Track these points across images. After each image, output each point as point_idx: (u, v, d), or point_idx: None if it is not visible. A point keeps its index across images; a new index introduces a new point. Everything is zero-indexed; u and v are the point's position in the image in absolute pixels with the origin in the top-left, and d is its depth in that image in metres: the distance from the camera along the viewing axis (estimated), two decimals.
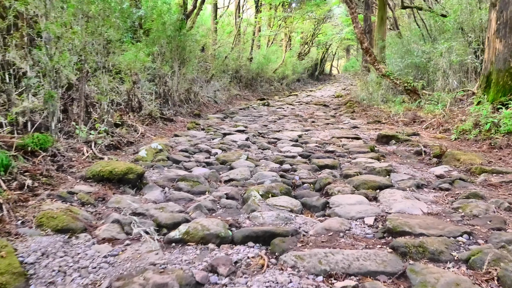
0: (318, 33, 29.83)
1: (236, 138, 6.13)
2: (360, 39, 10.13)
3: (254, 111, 10.91)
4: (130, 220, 2.81)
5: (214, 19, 17.44)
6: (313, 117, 9.52)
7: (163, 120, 7.43)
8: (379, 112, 10.13)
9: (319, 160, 4.67)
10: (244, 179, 4.04)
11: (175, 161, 4.63)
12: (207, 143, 5.74)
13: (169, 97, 9.20)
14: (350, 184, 3.79)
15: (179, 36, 9.29)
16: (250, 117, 9.37)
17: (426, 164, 4.91)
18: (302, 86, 26.14)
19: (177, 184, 3.76)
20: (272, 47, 23.39)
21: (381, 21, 15.27)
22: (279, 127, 7.70)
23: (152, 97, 8.19)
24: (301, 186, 3.92)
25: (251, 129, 7.16)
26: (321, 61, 34.02)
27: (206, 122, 7.98)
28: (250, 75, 18.90)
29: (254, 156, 5.09)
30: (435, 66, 9.52)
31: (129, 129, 5.80)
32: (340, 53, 47.33)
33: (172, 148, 5.25)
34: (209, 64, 15.12)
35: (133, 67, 6.58)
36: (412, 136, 6.56)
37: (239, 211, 3.22)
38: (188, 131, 6.84)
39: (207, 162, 4.61)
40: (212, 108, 11.20)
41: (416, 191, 3.68)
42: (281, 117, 9.38)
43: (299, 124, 8.08)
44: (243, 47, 18.63)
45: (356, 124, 8.47)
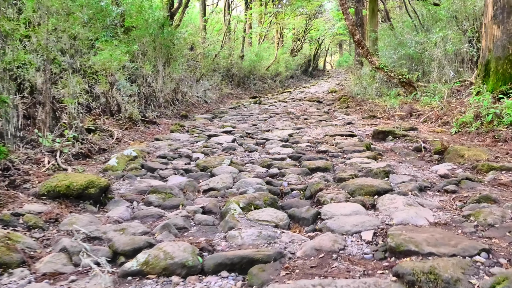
0: (310, 29, 29.32)
1: (222, 140, 5.64)
2: (352, 31, 9.64)
3: (245, 110, 10.40)
4: (81, 247, 2.31)
5: (203, 17, 16.88)
6: (305, 114, 9.04)
7: (145, 123, 6.92)
8: (374, 107, 9.66)
9: (310, 162, 4.18)
10: (226, 188, 3.55)
11: (150, 169, 4.14)
12: (189, 147, 5.24)
13: (153, 98, 8.68)
14: (344, 189, 3.31)
15: (162, 34, 8.76)
16: (240, 116, 8.87)
17: (427, 161, 4.43)
18: (296, 82, 25.64)
19: (147, 197, 3.26)
20: (264, 44, 22.86)
21: (372, 14, 14.78)
22: (269, 126, 7.21)
23: (134, 99, 7.67)
24: (290, 194, 3.43)
25: (239, 130, 6.67)
26: (314, 57, 33.50)
27: (192, 124, 7.47)
28: (242, 73, 18.40)
29: (239, 160, 4.60)
30: (429, 56, 9.05)
31: (103, 134, 5.29)
32: (333, 48, 46.81)
33: (149, 154, 4.75)
34: (199, 63, 14.60)
35: (108, 67, 6.06)
36: (410, 131, 6.09)
37: (216, 229, 2.73)
38: (171, 134, 6.33)
39: (185, 169, 4.11)
40: (202, 108, 10.69)
41: (419, 195, 3.20)
42: (272, 115, 8.89)
43: (290, 122, 7.59)
44: (233, 45, 18.11)
45: (350, 120, 7.99)
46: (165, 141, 5.62)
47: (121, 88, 7.65)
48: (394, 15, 18.61)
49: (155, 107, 8.53)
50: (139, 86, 8.33)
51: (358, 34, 9.64)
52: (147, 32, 8.49)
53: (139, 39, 8.45)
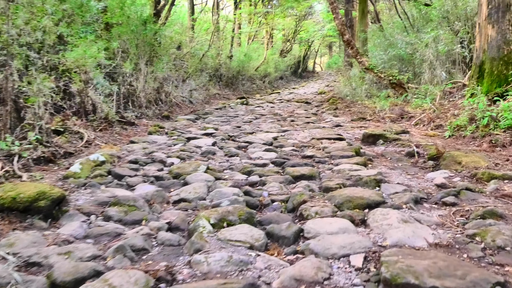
0: (299, 30, 29.03)
1: (201, 143, 5.21)
2: (341, 31, 9.29)
3: (231, 111, 9.98)
4: (11, 279, 1.88)
5: (191, 16, 16.41)
6: (293, 116, 8.65)
7: (122, 124, 6.45)
8: (364, 108, 9.32)
9: (294, 169, 3.78)
10: (198, 199, 3.12)
11: (118, 176, 3.69)
12: (166, 151, 4.80)
13: (134, 98, 8.21)
14: (331, 201, 2.91)
15: (144, 31, 8.30)
16: (224, 117, 8.45)
17: (421, 168, 4.06)
18: (285, 83, 25.31)
19: (107, 210, 2.82)
20: (253, 45, 22.47)
21: (362, 14, 14.49)
22: (253, 128, 6.79)
23: (113, 98, 7.20)
24: (270, 206, 3.02)
25: (221, 132, 6.24)
26: (303, 58, 33.25)
27: (173, 125, 7.03)
28: (231, 73, 17.98)
29: (218, 165, 4.18)
30: (421, 57, 8.74)
31: (72, 136, 4.83)
32: (322, 50, 46.62)
33: (119, 159, 4.30)
34: (186, 62, 14.14)
35: (81, 64, 5.59)
36: (402, 134, 5.73)
37: (181, 250, 2.31)
38: (149, 136, 5.89)
39: (157, 177, 3.67)
40: (186, 109, 10.24)
41: (415, 208, 2.81)
42: (258, 117, 8.48)
43: (276, 124, 7.19)
44: (222, 45, 17.67)
45: (339, 122, 7.62)
46: (141, 144, 5.17)
47: (99, 87, 7.19)
48: (384, 16, 18.35)
49: (136, 108, 8.06)
50: (119, 85, 7.86)
51: (347, 34, 9.29)
52: (129, 29, 8.03)
53: (120, 36, 7.99)
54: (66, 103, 6.15)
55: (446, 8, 9.23)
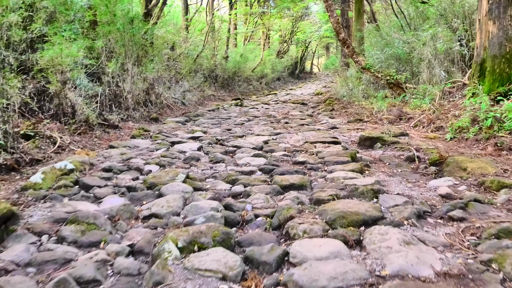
0: (296, 31, 28.64)
1: (186, 148, 4.80)
2: (336, 30, 8.90)
3: (224, 113, 9.58)
4: None
5: (185, 16, 16.00)
6: (287, 118, 8.25)
7: (105, 127, 6.04)
8: (361, 109, 8.93)
9: (283, 178, 3.38)
10: (171, 214, 2.72)
11: (85, 186, 3.29)
12: (146, 156, 4.39)
13: (120, 99, 7.80)
14: (322, 217, 2.51)
15: (131, 29, 7.90)
16: (216, 119, 8.04)
17: (422, 174, 3.66)
18: (282, 84, 24.92)
19: (62, 229, 2.42)
20: (249, 45, 22.08)
21: (358, 14, 14.11)
22: (244, 131, 6.39)
23: (95, 100, 6.79)
24: (253, 222, 2.62)
25: (209, 135, 5.83)
26: (301, 59, 32.86)
27: (159, 128, 6.61)
28: (226, 74, 17.59)
29: (200, 173, 3.77)
30: (419, 56, 8.35)
31: (43, 141, 4.41)
32: (320, 51, 46.26)
33: (92, 166, 3.89)
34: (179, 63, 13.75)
35: (57, 63, 5.19)
36: (400, 136, 5.34)
37: (140, 283, 1.91)
38: (131, 140, 5.48)
39: (129, 187, 3.27)
40: (178, 111, 9.83)
41: (418, 225, 2.42)
42: (251, 119, 8.07)
43: (269, 127, 6.78)
44: (217, 45, 17.28)
45: (335, 124, 7.23)
46: (120, 149, 4.76)
47: (82, 88, 6.79)
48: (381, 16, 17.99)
49: (122, 110, 7.66)
50: (103, 85, 7.45)
51: (343, 33, 8.90)
52: (114, 27, 7.63)
53: (106, 35, 7.58)
54: (45, 105, 5.76)
55: (444, 5, 8.86)
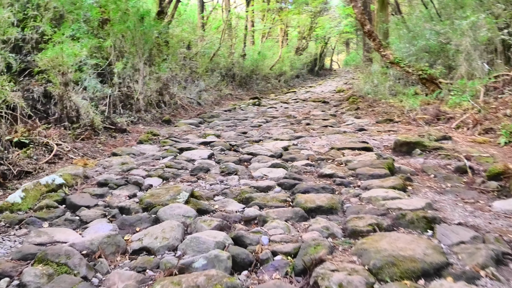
0: (315, 26, 27.76)
1: (195, 156, 4.21)
2: (361, 21, 8.15)
3: (240, 113, 8.97)
4: None
5: (201, 13, 15.48)
6: (308, 118, 7.57)
7: (112, 131, 5.53)
8: (389, 108, 8.16)
9: (308, 198, 2.73)
10: (166, 249, 2.13)
11: (73, 206, 2.74)
12: (149, 166, 3.83)
13: (132, 100, 7.30)
14: (362, 260, 1.86)
15: (141, 27, 7.37)
16: (231, 121, 7.44)
17: (481, 192, 2.95)
18: (301, 82, 24.16)
19: (25, 273, 1.85)
20: (267, 43, 21.40)
21: (382, 5, 13.21)
22: (262, 134, 5.75)
23: (103, 102, 6.30)
24: (270, 263, 1.99)
25: (222, 140, 5.22)
26: (320, 55, 31.93)
27: (170, 131, 6.06)
28: (244, 72, 17.00)
29: (208, 189, 3.17)
30: (455, 48, 7.50)
31: (39, 149, 3.91)
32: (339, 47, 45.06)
33: (85, 180, 3.34)
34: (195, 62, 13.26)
35: (58, 64, 4.69)
36: (443, 140, 4.60)
37: None
38: (138, 145, 4.93)
39: (122, 208, 2.69)
40: (193, 111, 9.29)
41: (501, 277, 1.72)
42: (269, 120, 7.43)
43: (289, 129, 6.12)
44: (234, 43, 16.71)
45: (362, 125, 6.51)
46: (124, 157, 4.22)
47: (90, 90, 6.31)
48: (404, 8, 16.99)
49: (133, 112, 7.15)
50: (113, 87, 6.97)
51: (368, 24, 8.14)
52: (124, 25, 7.12)
53: (115, 33, 7.09)
54: (50, 108, 5.30)
55: None
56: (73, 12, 6.94)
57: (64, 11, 6.81)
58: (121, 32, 7.11)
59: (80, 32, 6.38)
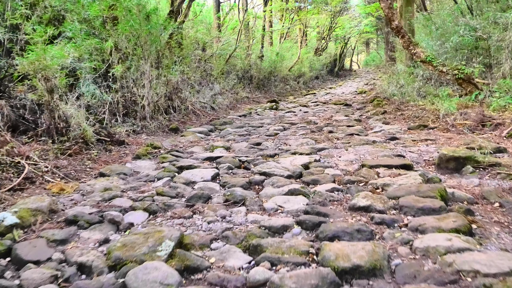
0: (335, 27, 26.72)
1: (197, 177, 3.45)
2: (389, 16, 7.24)
3: (256, 118, 8.18)
4: None
5: (216, 14, 14.77)
6: (331, 124, 6.72)
7: (107, 143, 4.83)
8: (420, 112, 7.22)
9: (339, 250, 1.91)
10: None
11: (18, 261, 2.00)
12: (137, 193, 3.08)
13: (137, 107, 6.62)
14: None
15: (147, 26, 6.68)
16: (245, 128, 6.66)
17: None
18: (321, 83, 23.22)
19: None
20: (285, 43, 20.55)
21: (407, 1, 12.19)
22: (278, 145, 4.94)
23: (101, 110, 5.63)
24: None
25: (232, 153, 4.43)
26: (340, 56, 30.84)
27: (174, 142, 5.32)
28: (262, 74, 16.23)
29: (204, 229, 2.39)
30: (497, 44, 6.52)
31: (6, 171, 3.22)
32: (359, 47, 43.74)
33: (51, 215, 2.61)
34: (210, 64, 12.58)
35: (39, 68, 4.01)
36: (498, 153, 3.69)
37: None
38: (133, 162, 4.20)
39: (81, 265, 1.94)
40: (206, 117, 8.56)
41: None
42: (287, 127, 6.60)
43: (309, 138, 5.28)
44: (251, 44, 15.94)
45: (392, 132, 5.62)
46: (112, 178, 3.49)
47: (87, 96, 5.66)
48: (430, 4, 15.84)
49: (137, 120, 6.46)
50: (115, 92, 6.30)
51: (396, 20, 7.22)
52: (127, 24, 6.45)
53: (117, 33, 6.41)
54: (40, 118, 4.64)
55: None
56: (73, 11, 6.33)
57: (61, 9, 6.21)
58: (124, 32, 6.44)
59: (76, 32, 5.74)
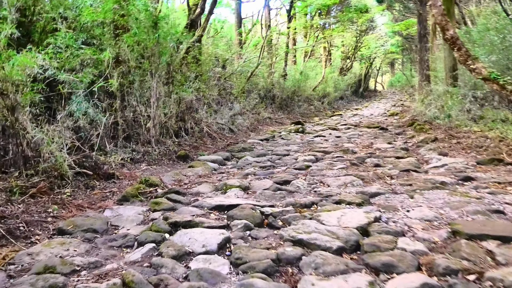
0: (360, 46, 25.51)
1: (196, 244, 2.19)
2: (442, 25, 5.97)
3: (280, 144, 6.93)
4: None
5: (238, 29, 13.81)
6: (373, 154, 5.38)
7: (91, 177, 3.66)
8: (483, 140, 5.81)
9: None
10: None
11: None
12: (96, 276, 1.85)
13: (140, 129, 5.48)
14: None
15: (152, 36, 5.60)
16: (268, 156, 5.40)
17: None
18: (346, 104, 21.89)
19: None
20: (309, 62, 19.42)
21: (448, 12, 10.86)
22: (313, 185, 3.63)
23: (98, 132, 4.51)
24: None
25: (251, 199, 3.16)
26: (365, 76, 29.51)
27: (178, 177, 4.09)
28: (285, 94, 15.08)
29: None
30: None
31: None
32: (384, 68, 42.21)
33: None
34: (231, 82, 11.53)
35: None
36: None
37: None
38: (116, 207, 2.98)
39: None
40: (222, 141, 7.38)
41: None
42: (319, 156, 5.28)
43: (352, 175, 3.95)
44: (274, 62, 14.88)
45: (459, 167, 4.24)
46: (72, 239, 2.29)
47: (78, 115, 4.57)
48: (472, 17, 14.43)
49: (139, 145, 5.31)
50: (115, 111, 5.21)
51: (451, 29, 5.94)
52: (132, 32, 5.40)
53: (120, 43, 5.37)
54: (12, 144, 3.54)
55: None
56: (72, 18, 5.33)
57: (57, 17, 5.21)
58: (128, 42, 5.38)
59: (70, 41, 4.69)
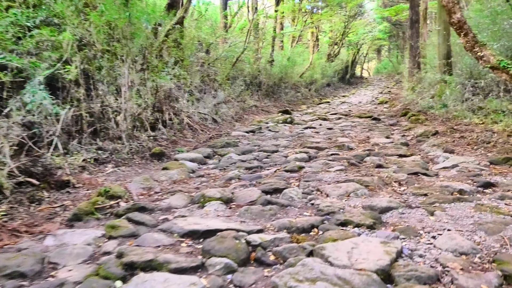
0: (348, 32, 24.79)
1: None
2: (448, 7, 5.34)
3: (267, 136, 6.28)
4: None
5: (223, 11, 12.93)
6: (372, 151, 4.78)
7: (41, 187, 2.94)
8: (489, 134, 5.28)
9: None
10: None
11: None
12: None
13: (108, 123, 4.74)
14: None
15: (123, 14, 4.81)
16: (255, 153, 4.75)
17: None
18: (333, 91, 21.33)
19: None
20: (297, 48, 18.66)
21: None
22: (308, 195, 3.01)
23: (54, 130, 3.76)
24: None
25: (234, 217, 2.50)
26: (352, 63, 28.89)
27: (148, 183, 3.39)
28: (272, 80, 14.34)
29: None
30: None
31: None
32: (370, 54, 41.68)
33: None
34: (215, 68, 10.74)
35: None
36: None
37: None
38: (59, 234, 2.29)
39: None
40: (204, 133, 6.67)
41: None
42: (312, 154, 4.65)
43: (354, 180, 3.33)
44: (261, 47, 14.09)
45: (472, 168, 3.68)
46: None
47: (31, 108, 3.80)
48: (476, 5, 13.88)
49: (107, 141, 4.58)
50: (79, 103, 4.44)
51: (458, 12, 5.33)
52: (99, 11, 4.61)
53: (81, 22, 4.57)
54: None
55: None
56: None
57: None
58: (96, 21, 4.58)
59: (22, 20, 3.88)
